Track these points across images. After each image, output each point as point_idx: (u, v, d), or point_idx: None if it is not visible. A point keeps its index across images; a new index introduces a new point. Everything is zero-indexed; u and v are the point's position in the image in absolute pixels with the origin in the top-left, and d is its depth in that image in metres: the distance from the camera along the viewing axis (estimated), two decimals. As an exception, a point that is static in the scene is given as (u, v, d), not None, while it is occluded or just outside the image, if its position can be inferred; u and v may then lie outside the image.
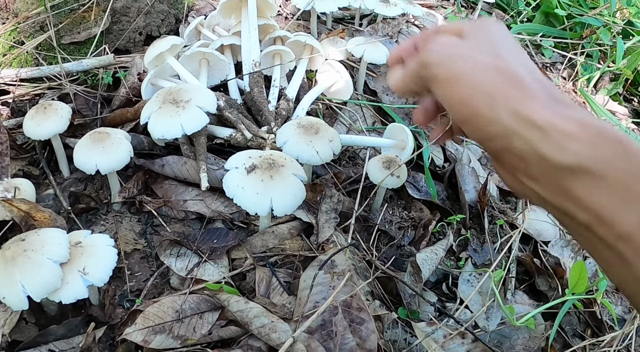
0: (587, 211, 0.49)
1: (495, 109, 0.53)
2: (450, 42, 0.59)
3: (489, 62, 0.56)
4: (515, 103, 0.52)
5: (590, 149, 0.48)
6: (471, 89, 0.55)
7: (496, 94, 0.53)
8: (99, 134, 0.98)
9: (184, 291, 0.90)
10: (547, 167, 0.50)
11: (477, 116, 0.54)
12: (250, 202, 0.86)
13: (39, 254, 0.79)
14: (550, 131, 0.50)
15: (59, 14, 1.31)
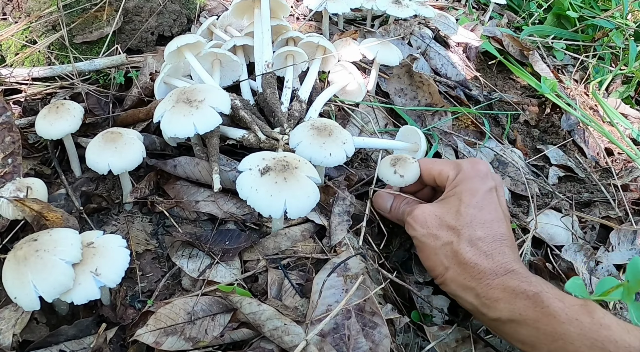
0: (516, 342, 0.80)
1: (449, 279, 0.86)
2: (425, 219, 0.91)
3: (447, 240, 0.87)
4: (462, 278, 0.84)
5: (509, 307, 0.78)
6: (434, 261, 0.89)
7: (450, 269, 0.86)
8: (112, 134, 0.98)
9: (196, 293, 0.90)
10: (485, 319, 0.83)
11: (437, 277, 0.90)
12: (264, 204, 0.85)
13: (51, 254, 0.79)
14: (483, 298, 0.81)
15: (71, 14, 1.31)
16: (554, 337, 0.74)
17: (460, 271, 0.84)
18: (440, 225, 0.89)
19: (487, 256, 0.83)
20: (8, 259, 0.82)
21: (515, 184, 1.38)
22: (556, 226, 1.30)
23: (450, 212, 0.89)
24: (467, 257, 0.83)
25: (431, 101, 1.35)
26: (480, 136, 1.42)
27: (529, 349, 0.78)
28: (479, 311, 0.82)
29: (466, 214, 0.87)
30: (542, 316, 0.75)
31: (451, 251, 0.85)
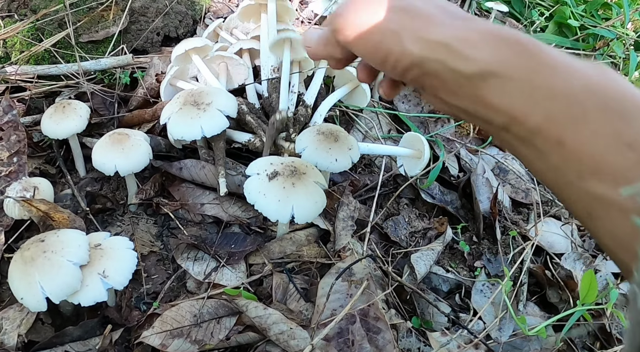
0: (501, 113, 0.51)
1: (403, 43, 0.55)
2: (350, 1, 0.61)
3: (392, 5, 0.58)
4: (419, 31, 0.55)
5: (491, 53, 0.51)
6: (379, 35, 0.57)
7: (401, 30, 0.56)
8: (119, 135, 0.98)
9: (202, 296, 0.90)
10: (460, 79, 0.53)
11: (390, 55, 0.56)
12: (272, 209, 0.86)
13: (58, 255, 0.79)
14: (454, 44, 0.52)
15: (77, 12, 1.31)
16: (553, 94, 0.50)
17: (418, 23, 0.56)
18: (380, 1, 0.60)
19: (445, 8, 0.58)
20: (15, 259, 0.82)
21: (515, 192, 1.39)
22: (556, 234, 1.32)
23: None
24: (421, 6, 0.58)
25: (435, 108, 1.36)
26: (481, 143, 1.43)
27: (518, 119, 0.50)
28: (451, 67, 0.53)
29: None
30: (538, 66, 0.51)
31: (399, 7, 0.58)
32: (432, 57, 0.54)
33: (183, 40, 1.11)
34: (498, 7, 1.92)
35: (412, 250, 1.13)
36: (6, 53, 1.32)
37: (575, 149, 0.46)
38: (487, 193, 1.28)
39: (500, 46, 0.51)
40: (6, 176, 1.04)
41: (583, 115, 0.47)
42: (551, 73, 0.49)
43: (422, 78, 0.55)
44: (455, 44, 0.52)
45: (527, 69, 0.50)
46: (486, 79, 0.51)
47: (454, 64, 0.52)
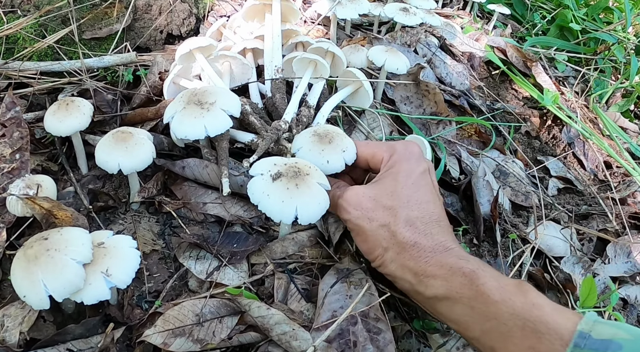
0: (450, 321, 0.78)
1: (389, 260, 0.84)
2: (360, 202, 0.89)
3: (386, 222, 0.85)
4: (401, 258, 0.82)
5: (445, 284, 0.76)
6: (371, 243, 0.86)
7: (389, 249, 0.84)
8: (122, 133, 0.98)
9: (205, 295, 0.90)
10: (422, 298, 0.82)
11: (375, 260, 0.87)
12: (276, 210, 0.86)
13: (62, 254, 0.79)
14: (421, 274, 0.80)
15: (80, 9, 1.30)
16: (487, 316, 0.72)
17: (399, 250, 0.82)
18: (375, 206, 0.86)
19: (426, 234, 0.82)
20: (17, 257, 0.82)
21: (515, 195, 1.40)
22: (555, 238, 1.32)
23: (386, 192, 0.87)
24: (406, 237, 0.82)
25: (436, 110, 1.37)
26: (482, 146, 1.44)
27: (463, 329, 0.76)
28: (416, 290, 0.81)
29: (402, 194, 0.86)
30: (476, 294, 0.73)
31: (388, 232, 0.84)
32: (405, 278, 0.82)
33: (187, 39, 1.11)
34: (500, 9, 1.92)
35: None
36: (9, 49, 1.31)
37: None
38: (488, 196, 1.28)
39: (451, 279, 0.76)
40: (8, 172, 1.04)
41: (508, 332, 0.69)
42: (486, 301, 0.72)
43: (395, 280, 0.87)
44: (422, 276, 0.79)
45: (468, 297, 0.74)
46: (441, 300, 0.77)
47: (419, 288, 0.80)
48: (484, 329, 0.72)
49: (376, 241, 0.85)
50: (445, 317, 0.79)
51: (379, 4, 1.57)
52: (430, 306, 0.82)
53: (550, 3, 2.12)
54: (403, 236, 0.82)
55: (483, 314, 0.72)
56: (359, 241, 0.89)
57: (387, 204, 0.86)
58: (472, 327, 0.74)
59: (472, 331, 0.74)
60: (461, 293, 0.74)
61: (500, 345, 0.70)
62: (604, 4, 2.13)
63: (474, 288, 0.74)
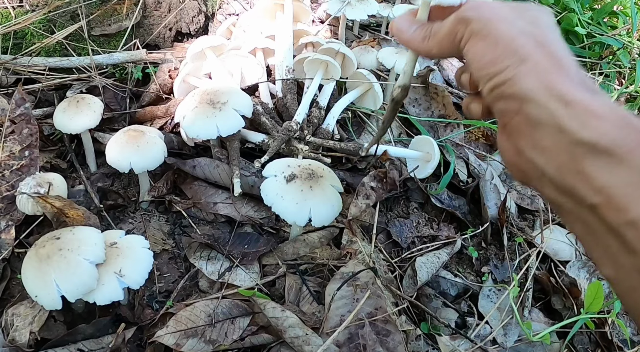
0: (600, 192, 0.46)
1: (525, 72, 0.52)
2: (493, 4, 0.58)
3: (530, 31, 0.55)
4: (548, 74, 0.51)
5: (615, 131, 0.47)
6: (506, 50, 0.54)
7: (530, 60, 0.52)
8: (134, 132, 0.98)
9: (217, 295, 0.90)
10: (564, 140, 0.48)
11: (500, 75, 0.54)
12: (289, 212, 0.86)
13: (75, 254, 0.79)
14: (577, 106, 0.48)
15: (90, 5, 1.29)
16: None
17: (548, 64, 0.52)
18: (516, 16, 0.57)
19: (579, 72, 0.53)
20: (29, 256, 0.81)
21: (521, 198, 1.40)
22: (561, 242, 1.33)
23: (528, 11, 0.59)
24: (560, 54, 0.53)
25: (445, 112, 1.37)
26: (489, 149, 1.44)
27: (614, 207, 0.46)
28: (560, 123, 0.49)
29: (546, 18, 0.59)
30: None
31: (534, 40, 0.54)
32: (545, 104, 0.50)
33: (199, 37, 1.11)
34: (507, 12, 1.92)
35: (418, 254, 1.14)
36: (17, 44, 1.30)
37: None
38: (495, 199, 1.29)
39: (626, 128, 0.47)
40: (17, 169, 1.04)
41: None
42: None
43: (515, 116, 0.52)
44: (578, 107, 0.48)
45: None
46: (599, 154, 0.47)
47: (569, 124, 0.48)
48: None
49: (511, 46, 0.55)
50: (595, 181, 0.47)
51: (387, 5, 1.57)
52: (569, 159, 0.49)
53: (556, 6, 2.12)
54: (555, 47, 0.54)
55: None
56: (482, 45, 0.57)
57: (531, 19, 0.57)
58: (638, 203, 0.45)
59: (635, 210, 0.45)
60: (637, 153, 0.46)
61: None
62: (609, 8, 2.13)
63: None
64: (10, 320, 0.88)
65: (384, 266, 1.06)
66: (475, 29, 0.57)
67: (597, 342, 1.25)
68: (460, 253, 1.20)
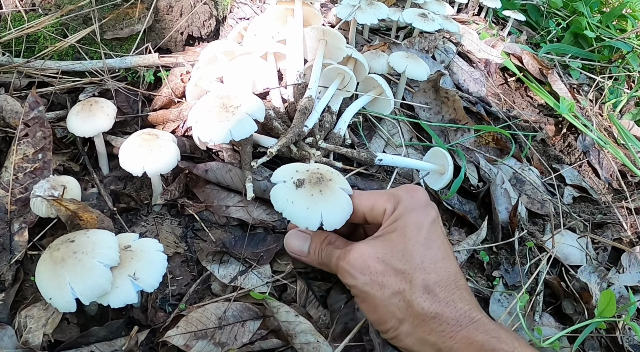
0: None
1: (405, 333, 0.73)
2: (367, 265, 0.76)
3: (398, 288, 0.73)
4: (419, 332, 0.72)
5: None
6: (383, 313, 0.74)
7: (405, 321, 0.73)
8: (148, 135, 0.98)
9: (228, 297, 0.90)
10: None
11: (387, 332, 0.75)
12: (301, 217, 0.86)
13: (89, 256, 0.79)
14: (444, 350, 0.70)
15: (102, 9, 1.30)
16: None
17: (418, 323, 0.71)
18: (385, 270, 0.74)
19: (447, 303, 0.71)
20: (43, 259, 0.82)
21: (531, 202, 1.40)
22: (571, 246, 1.32)
23: (396, 252, 0.75)
24: (425, 307, 0.71)
25: (455, 117, 1.37)
26: (500, 153, 1.44)
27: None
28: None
29: (415, 253, 0.74)
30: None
31: (403, 301, 0.72)
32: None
33: (212, 42, 1.12)
34: (515, 15, 1.92)
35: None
36: (29, 47, 1.31)
37: None
38: (506, 203, 1.28)
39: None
40: (31, 172, 1.05)
41: None
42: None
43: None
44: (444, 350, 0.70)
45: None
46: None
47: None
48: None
49: (388, 312, 0.73)
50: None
51: (397, 9, 1.57)
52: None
53: (565, 10, 2.12)
54: (421, 307, 0.71)
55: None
56: (367, 310, 0.77)
57: (399, 267, 0.74)
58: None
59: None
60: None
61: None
62: (618, 12, 2.13)
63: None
64: (23, 322, 0.89)
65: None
66: (356, 294, 0.78)
67: (608, 346, 1.24)
68: (471, 257, 1.20)
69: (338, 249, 0.82)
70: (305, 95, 1.08)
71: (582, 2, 2.03)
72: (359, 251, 0.77)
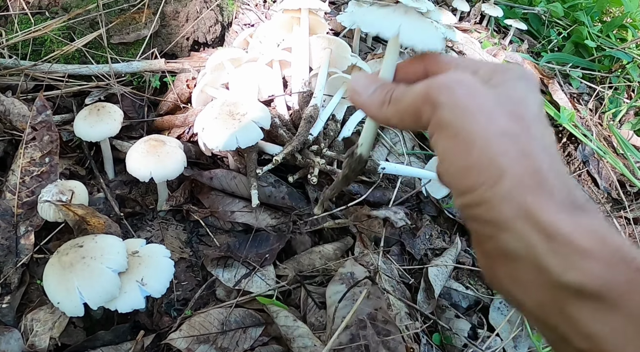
0: (588, 339, 0.41)
1: (502, 195, 0.43)
2: (471, 86, 0.48)
3: (512, 131, 0.46)
4: (528, 195, 0.43)
5: (605, 271, 0.40)
6: (481, 160, 0.45)
7: (508, 176, 0.43)
8: (155, 141, 0.99)
9: (230, 303, 0.92)
10: (544, 280, 0.42)
11: (477, 194, 0.45)
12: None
13: (98, 262, 0.80)
14: (560, 240, 0.41)
15: (109, 13, 1.31)
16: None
17: (530, 182, 0.44)
18: (496, 105, 0.47)
19: (561, 176, 0.45)
20: (51, 263, 0.83)
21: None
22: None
23: (510, 96, 0.49)
24: (544, 166, 0.44)
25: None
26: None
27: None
28: (538, 262, 0.41)
29: (535, 105, 0.49)
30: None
31: (516, 146, 0.45)
32: (524, 236, 0.42)
33: (218, 49, 1.13)
34: (517, 24, 1.94)
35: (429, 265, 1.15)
36: (35, 50, 1.32)
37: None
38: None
39: (618, 267, 0.40)
40: (38, 176, 1.05)
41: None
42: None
43: (487, 240, 0.45)
44: (562, 242, 0.41)
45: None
46: (587, 299, 0.41)
47: (551, 263, 0.41)
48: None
49: (488, 154, 0.45)
50: (582, 328, 0.41)
51: (401, 17, 1.59)
52: (551, 299, 0.43)
53: (566, 19, 2.14)
54: (540, 160, 0.45)
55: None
56: (453, 146, 0.47)
57: (516, 110, 0.48)
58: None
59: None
60: (631, 298, 0.40)
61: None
62: (619, 22, 2.15)
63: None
64: (29, 325, 0.90)
65: (396, 277, 1.08)
66: (445, 121, 0.47)
67: None
68: (472, 265, 1.22)
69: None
70: (311, 104, 1.09)
71: (583, 11, 2.05)
72: (457, 76, 0.49)
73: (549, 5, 2.06)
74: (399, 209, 1.11)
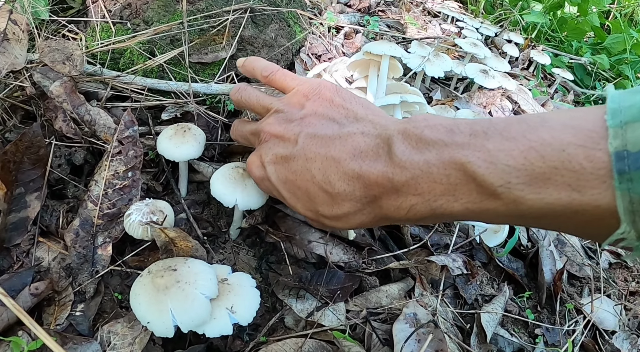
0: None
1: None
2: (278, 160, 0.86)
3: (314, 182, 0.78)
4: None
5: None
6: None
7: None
8: (243, 170, 1.03)
9: (305, 333, 0.96)
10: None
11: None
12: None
13: (192, 287, 0.85)
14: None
15: (190, 32, 1.36)
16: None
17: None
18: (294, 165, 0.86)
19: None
20: (144, 283, 0.87)
21: (570, 264, 1.46)
22: (606, 312, 1.39)
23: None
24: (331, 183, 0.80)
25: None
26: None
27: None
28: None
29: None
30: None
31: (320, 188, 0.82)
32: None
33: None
34: (564, 74, 2.00)
35: (480, 311, 1.20)
36: (113, 58, 1.36)
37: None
38: (550, 265, 1.35)
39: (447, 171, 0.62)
40: (120, 189, 1.10)
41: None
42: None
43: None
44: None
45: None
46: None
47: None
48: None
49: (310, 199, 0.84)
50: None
51: (459, 63, 1.64)
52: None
53: (611, 71, 2.20)
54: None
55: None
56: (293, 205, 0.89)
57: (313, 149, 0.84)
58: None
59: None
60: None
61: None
62: (659, 79, 2.21)
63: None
64: (106, 337, 0.94)
65: (451, 320, 1.12)
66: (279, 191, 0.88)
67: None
68: (518, 315, 1.26)
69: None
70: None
71: (628, 66, 2.11)
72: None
73: (596, 57, 2.12)
74: (457, 256, 1.16)
